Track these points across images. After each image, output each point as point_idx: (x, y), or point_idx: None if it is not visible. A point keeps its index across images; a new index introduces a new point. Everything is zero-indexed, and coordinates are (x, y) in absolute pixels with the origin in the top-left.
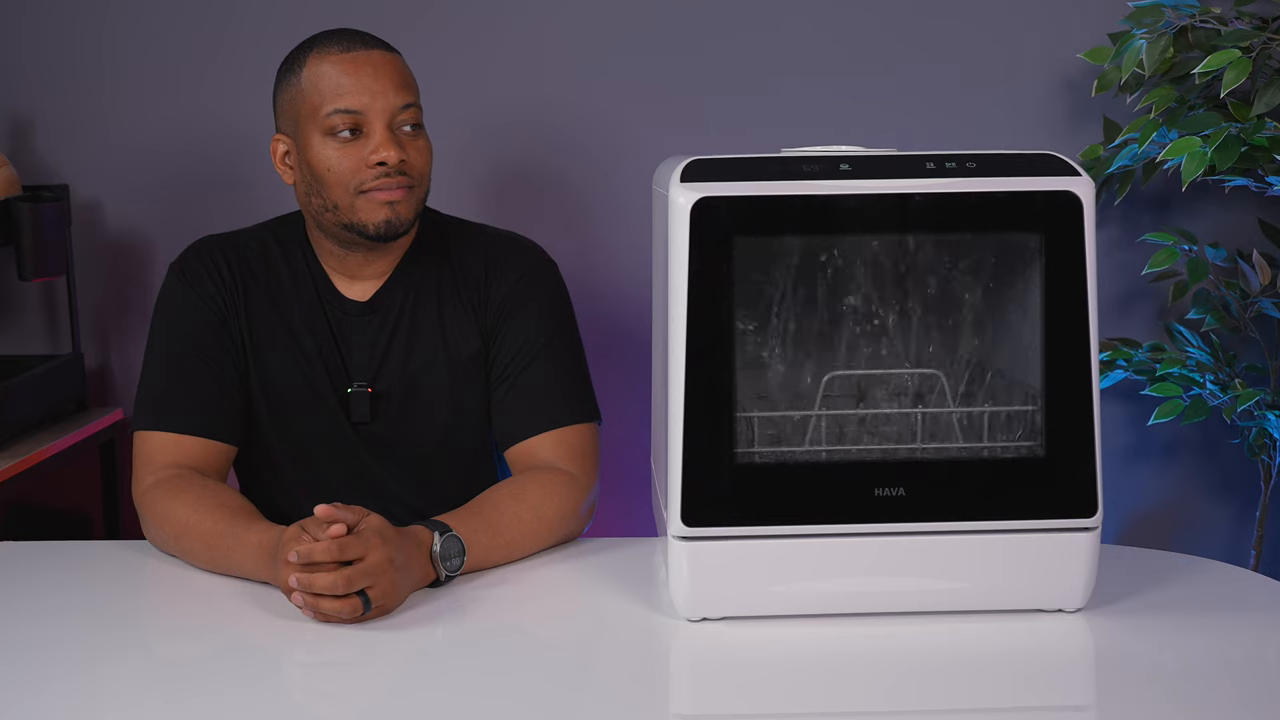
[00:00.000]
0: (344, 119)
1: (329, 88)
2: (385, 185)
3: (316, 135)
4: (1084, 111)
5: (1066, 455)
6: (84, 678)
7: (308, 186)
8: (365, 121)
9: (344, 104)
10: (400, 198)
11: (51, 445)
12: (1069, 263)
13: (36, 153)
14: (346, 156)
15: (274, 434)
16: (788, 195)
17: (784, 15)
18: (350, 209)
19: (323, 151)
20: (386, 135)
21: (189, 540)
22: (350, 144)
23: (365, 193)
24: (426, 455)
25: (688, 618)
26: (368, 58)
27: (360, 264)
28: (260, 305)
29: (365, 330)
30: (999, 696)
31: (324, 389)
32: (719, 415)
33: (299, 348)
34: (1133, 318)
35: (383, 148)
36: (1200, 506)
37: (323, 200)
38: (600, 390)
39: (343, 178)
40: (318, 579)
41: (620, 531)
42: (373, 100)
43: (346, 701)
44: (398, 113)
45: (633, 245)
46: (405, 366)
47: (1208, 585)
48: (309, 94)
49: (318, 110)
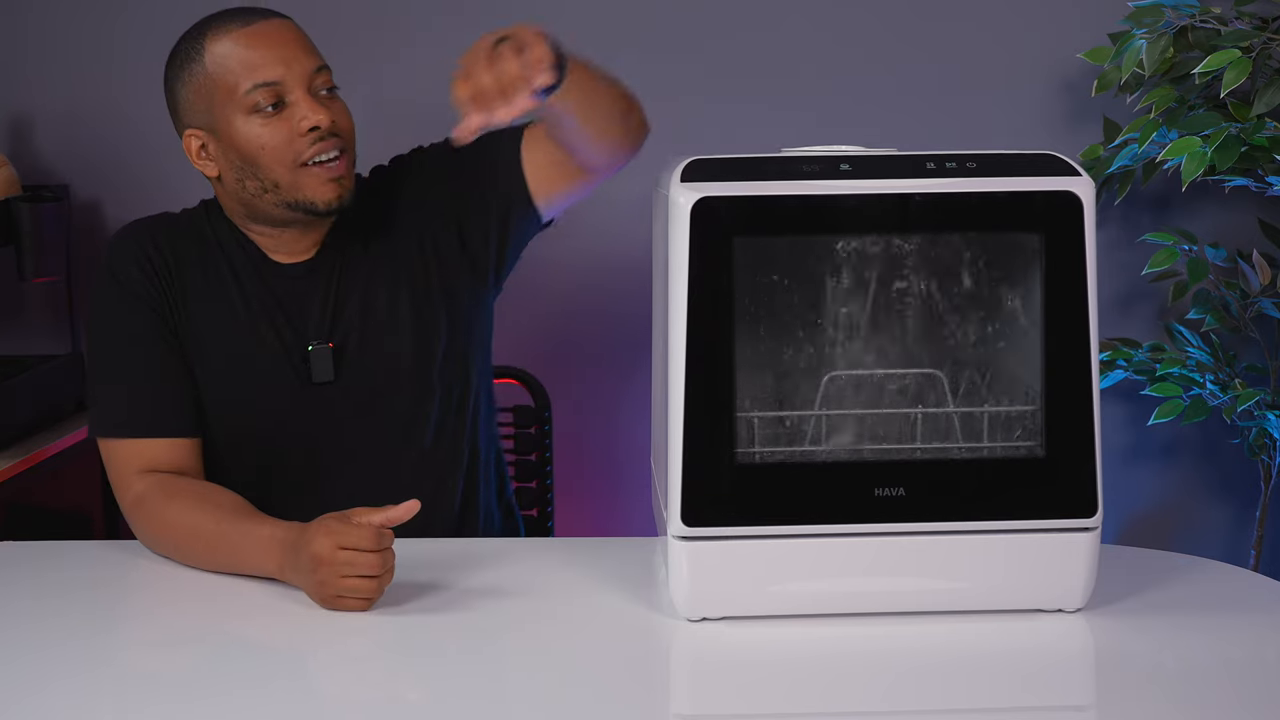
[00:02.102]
0: (265, 93)
1: (239, 65)
2: (323, 150)
3: (238, 117)
4: (1084, 111)
5: (1066, 455)
6: (84, 678)
7: (239, 172)
8: (285, 91)
9: (261, 77)
10: (343, 171)
11: (51, 445)
12: (1069, 263)
13: (36, 153)
14: (276, 131)
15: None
16: (788, 195)
17: (784, 15)
18: (293, 186)
19: (248, 131)
20: (310, 100)
21: (192, 545)
22: (275, 118)
23: (305, 165)
24: (398, 411)
25: (688, 618)
26: (269, 27)
27: (296, 238)
28: (198, 286)
29: (313, 290)
30: (998, 696)
31: (279, 356)
32: (719, 415)
33: (245, 321)
34: (1133, 318)
35: (311, 112)
36: (1200, 506)
37: (259, 182)
38: (600, 390)
39: (278, 153)
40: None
41: (620, 531)
42: (288, 68)
43: (346, 701)
44: (313, 76)
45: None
46: (363, 316)
47: (1208, 585)
48: (219, 77)
49: (234, 91)
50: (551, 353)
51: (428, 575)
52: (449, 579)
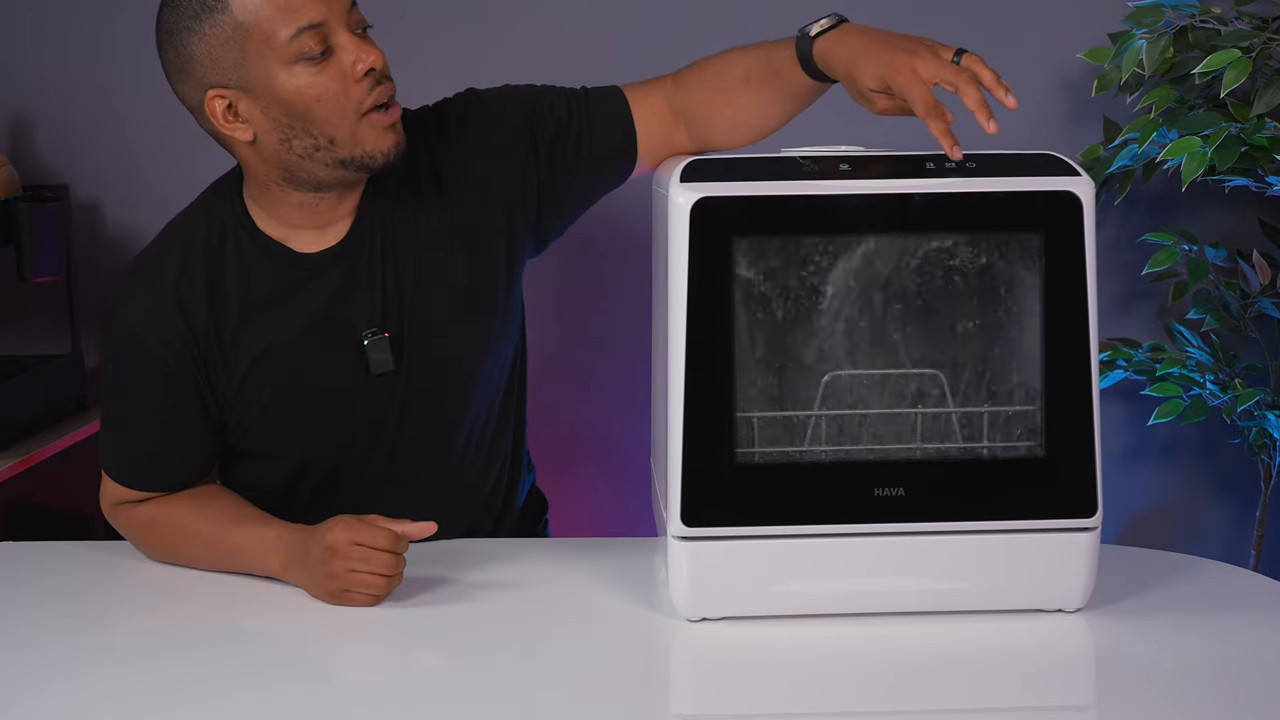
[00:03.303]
0: (312, 37)
1: (275, 10)
2: (383, 95)
3: (280, 69)
4: (1084, 111)
5: (1066, 455)
6: (84, 679)
7: (285, 131)
8: (330, 33)
9: (304, 19)
10: (398, 118)
11: (51, 445)
12: (1069, 263)
13: (36, 153)
14: (331, 80)
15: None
16: (787, 195)
17: (784, 14)
18: (352, 139)
19: (296, 84)
20: (358, 41)
21: (189, 548)
22: (324, 65)
23: (367, 114)
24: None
25: (688, 618)
26: None
27: (332, 205)
28: (220, 312)
29: (355, 275)
30: (998, 696)
31: (330, 354)
32: (719, 415)
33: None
34: (1133, 318)
35: (364, 54)
36: (1200, 506)
37: (312, 139)
38: (600, 390)
39: (335, 104)
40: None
41: (620, 531)
42: (329, 7)
43: (346, 700)
44: (349, 14)
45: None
46: (416, 297)
47: (1207, 585)
48: (252, 26)
49: (271, 38)
50: (552, 352)
51: (428, 573)
52: (449, 578)
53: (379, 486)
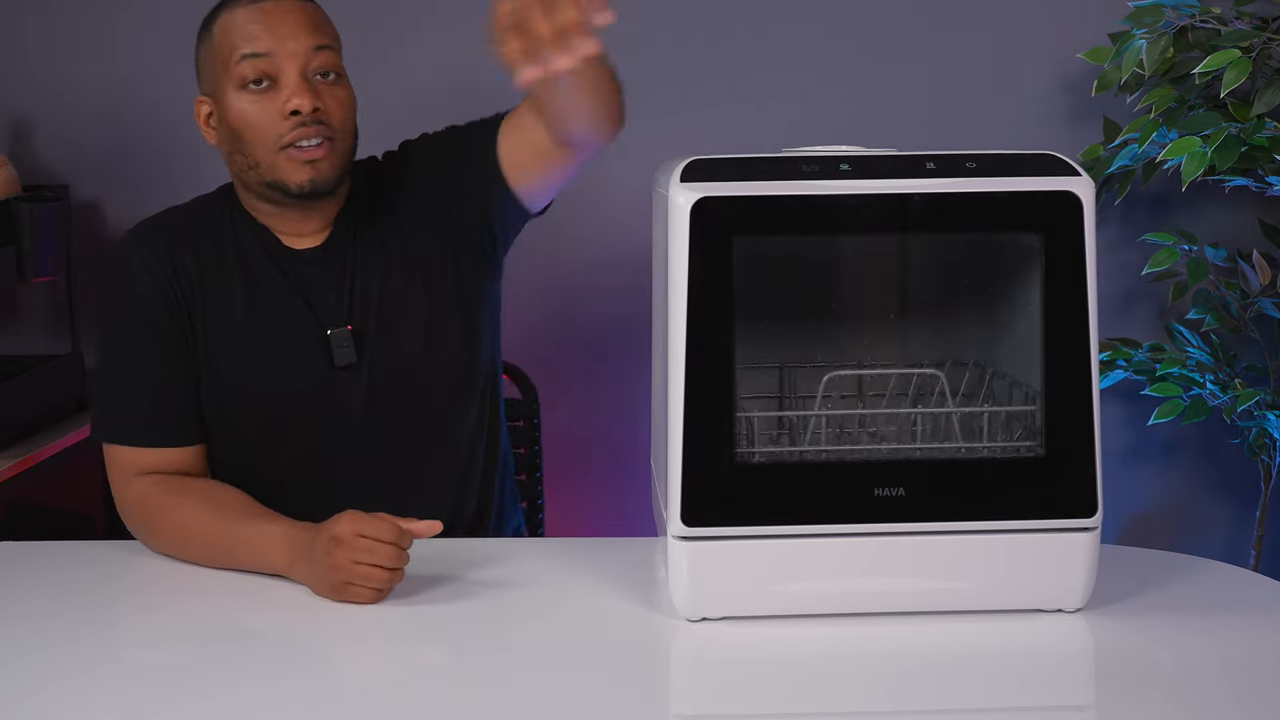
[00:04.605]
0: (252, 65)
1: (238, 36)
2: (304, 137)
3: (231, 89)
4: (1084, 111)
5: (1066, 455)
6: (85, 678)
7: (230, 145)
8: (276, 68)
9: (250, 48)
10: (321, 155)
11: (51, 445)
12: (1069, 263)
13: (36, 153)
14: (262, 110)
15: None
16: (787, 195)
17: (785, 15)
18: (272, 166)
19: (237, 105)
20: (300, 83)
21: (198, 542)
22: (264, 94)
23: (285, 148)
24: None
25: (688, 618)
26: (278, 5)
27: (296, 219)
28: (211, 280)
29: (328, 274)
30: (998, 696)
31: (301, 341)
32: (719, 415)
33: (263, 309)
34: (1133, 318)
35: (295, 95)
36: (1200, 506)
37: (245, 158)
38: (600, 390)
39: (260, 132)
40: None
41: (620, 531)
42: (280, 44)
43: (346, 699)
44: (310, 56)
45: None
46: (380, 300)
47: (1208, 585)
48: (220, 46)
49: (229, 61)
50: (551, 352)
51: (428, 573)
52: (449, 577)
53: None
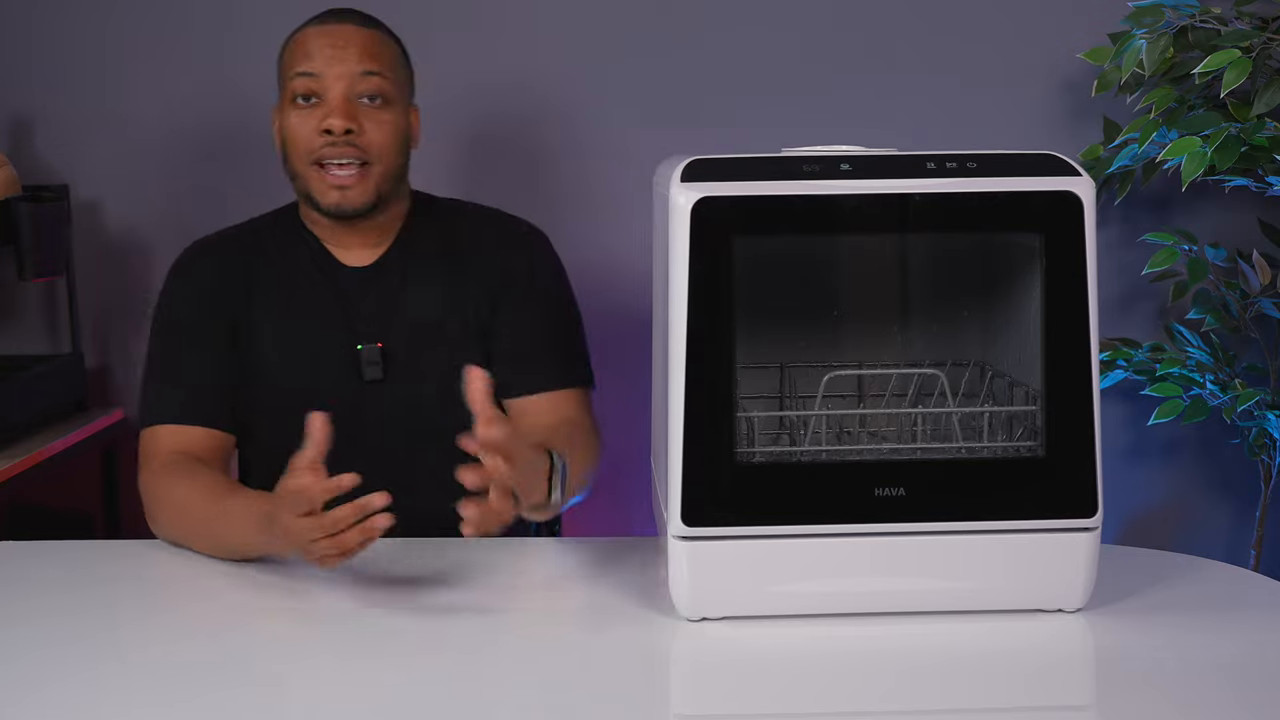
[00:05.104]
0: (304, 82)
1: (299, 53)
2: (334, 156)
3: (286, 101)
4: (1084, 111)
5: (1066, 455)
6: (85, 678)
7: (281, 153)
8: (324, 87)
9: (304, 66)
10: (350, 182)
11: (51, 445)
12: (1069, 263)
13: (36, 153)
14: (303, 123)
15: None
16: (788, 195)
17: (785, 15)
18: (305, 179)
19: (286, 118)
20: (341, 103)
21: (187, 522)
22: (309, 110)
23: (316, 165)
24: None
25: (688, 618)
26: (340, 29)
27: (344, 233)
28: (262, 285)
29: (369, 292)
30: (998, 696)
31: (331, 351)
32: (719, 415)
33: (303, 315)
34: (1133, 318)
35: (331, 115)
36: (1200, 506)
37: (289, 169)
38: (600, 390)
39: (298, 146)
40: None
41: (620, 531)
42: (328, 66)
43: (346, 699)
44: (357, 80)
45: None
46: (413, 326)
47: (1208, 585)
48: (286, 61)
49: (287, 75)
50: None
51: (428, 573)
52: (450, 577)
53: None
